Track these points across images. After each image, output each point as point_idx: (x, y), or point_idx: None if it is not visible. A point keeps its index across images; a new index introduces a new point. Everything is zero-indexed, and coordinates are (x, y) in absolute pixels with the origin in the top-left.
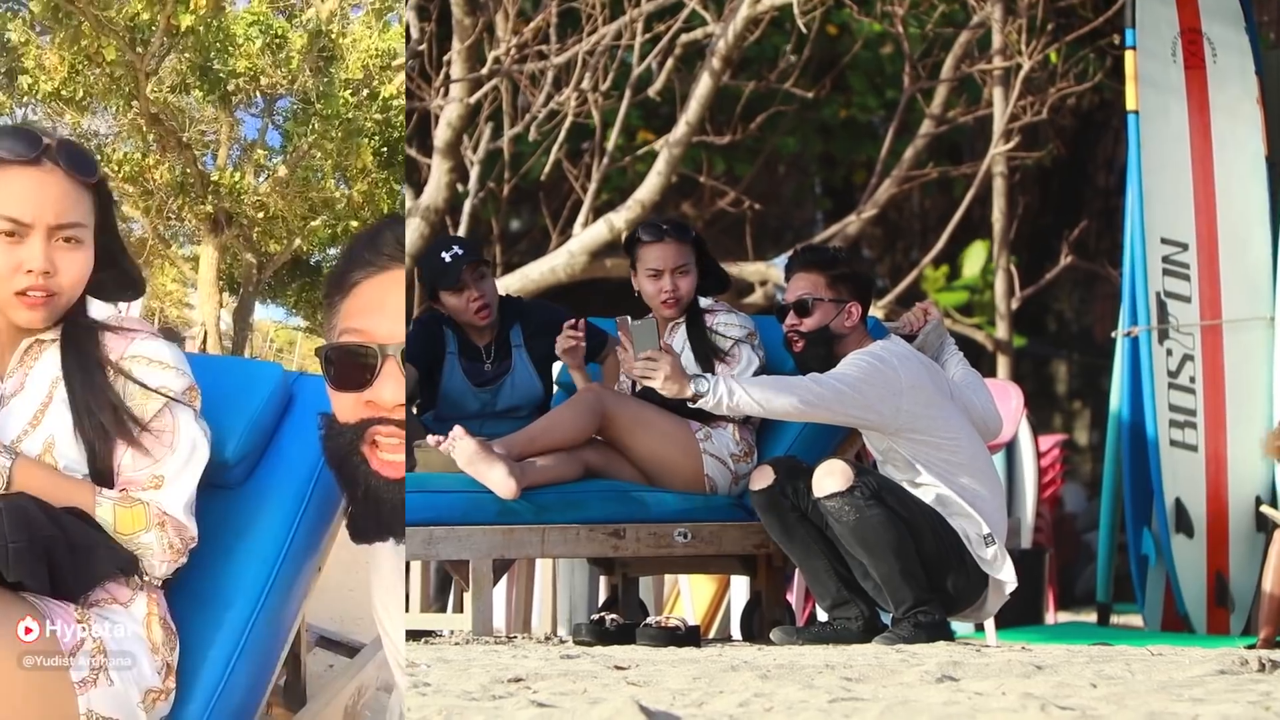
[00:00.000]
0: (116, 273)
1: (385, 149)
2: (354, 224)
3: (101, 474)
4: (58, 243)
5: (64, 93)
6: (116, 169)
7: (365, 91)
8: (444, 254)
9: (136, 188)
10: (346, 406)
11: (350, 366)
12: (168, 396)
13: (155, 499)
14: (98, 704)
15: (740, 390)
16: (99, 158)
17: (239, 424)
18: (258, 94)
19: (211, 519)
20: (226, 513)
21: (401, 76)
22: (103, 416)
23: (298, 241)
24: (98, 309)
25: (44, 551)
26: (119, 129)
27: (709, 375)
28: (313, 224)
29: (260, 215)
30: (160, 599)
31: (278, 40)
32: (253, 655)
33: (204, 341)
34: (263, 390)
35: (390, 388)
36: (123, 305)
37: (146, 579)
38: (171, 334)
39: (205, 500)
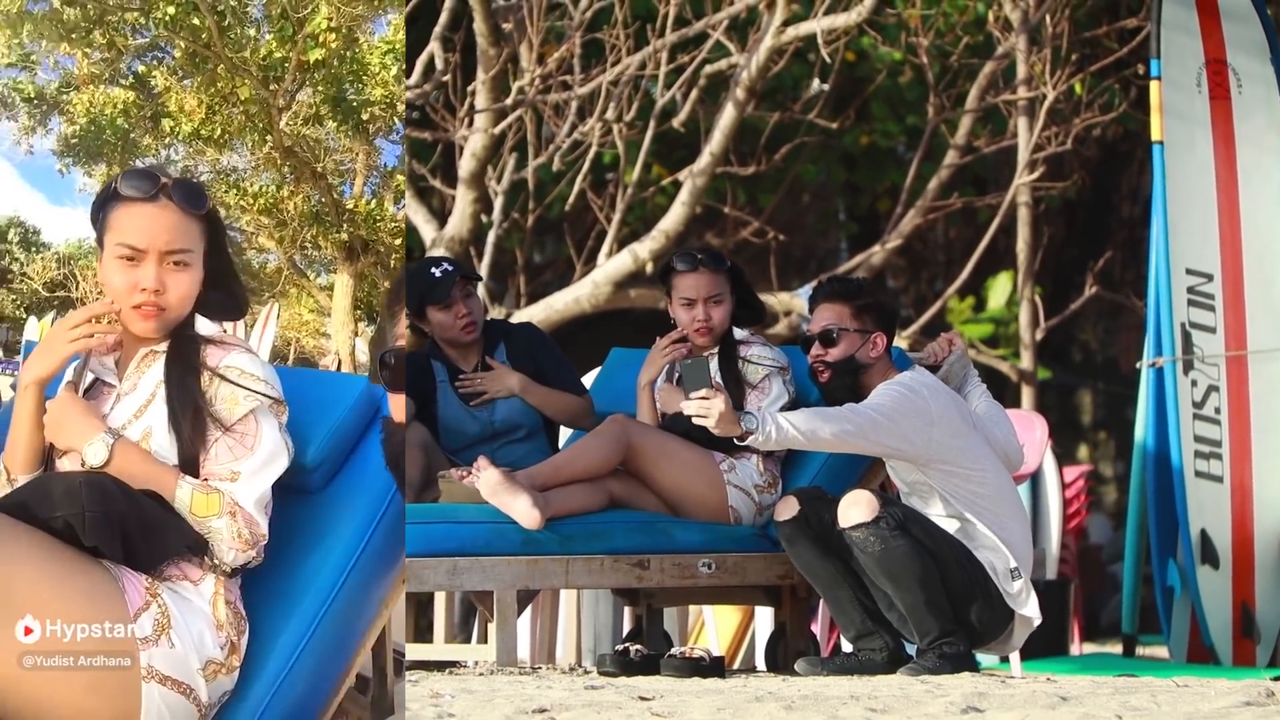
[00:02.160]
0: (224, 294)
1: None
2: None
3: (188, 464)
4: (168, 266)
5: (203, 132)
6: (252, 202)
7: None
8: (434, 269)
9: (272, 219)
10: (402, 408)
11: (386, 372)
12: (257, 394)
13: (230, 490)
14: (158, 662)
15: (787, 424)
16: (237, 192)
17: (320, 430)
18: (396, 121)
19: (290, 520)
20: (305, 516)
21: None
22: (187, 414)
23: None
24: (204, 326)
25: (118, 523)
26: (255, 163)
27: (755, 412)
28: None
29: (398, 242)
30: (230, 585)
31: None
32: (319, 650)
33: (338, 369)
34: (346, 400)
35: None
36: (228, 325)
37: (217, 562)
38: (307, 364)
39: (286, 503)
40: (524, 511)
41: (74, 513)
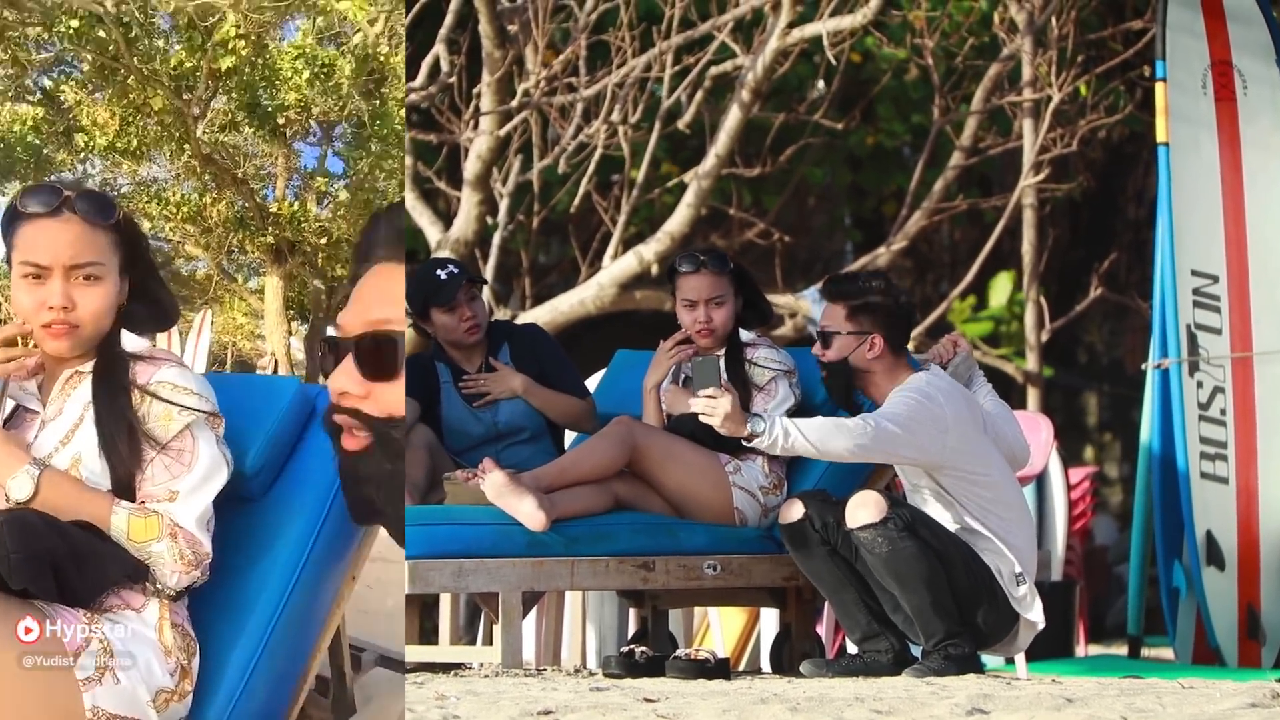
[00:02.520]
0: (148, 305)
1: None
2: None
3: (123, 487)
4: (76, 281)
5: (119, 145)
6: (175, 211)
7: None
8: (439, 272)
9: (196, 226)
10: (329, 393)
11: (328, 358)
12: (191, 409)
13: (169, 511)
14: (104, 701)
15: (796, 431)
16: (159, 202)
17: (257, 437)
18: (312, 123)
19: (234, 530)
20: (248, 524)
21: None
22: (120, 436)
23: None
24: (131, 342)
25: (47, 561)
26: (175, 172)
27: (765, 414)
28: None
29: (323, 241)
30: (177, 607)
31: (325, 69)
32: (274, 660)
33: (274, 370)
34: (280, 404)
35: (338, 378)
36: (161, 338)
37: (160, 587)
38: (245, 367)
39: (228, 512)
40: (529, 513)
41: None
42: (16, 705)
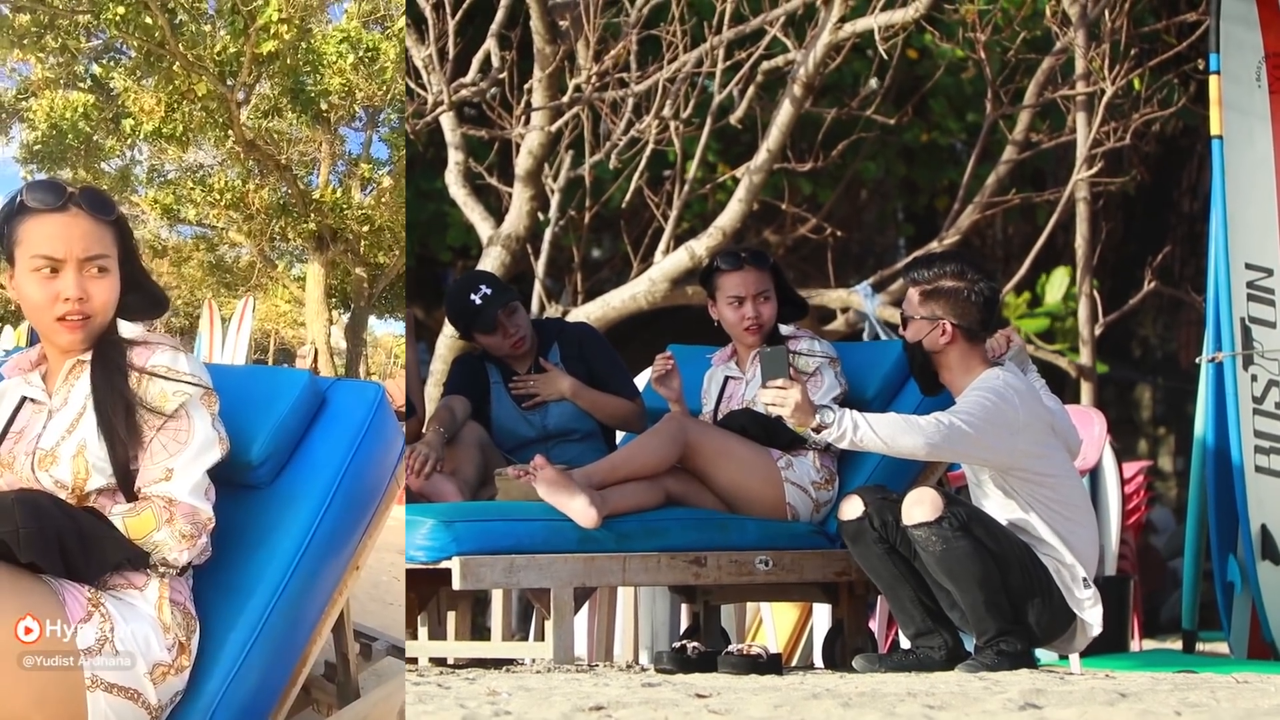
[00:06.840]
0: (141, 295)
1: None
2: None
3: (124, 468)
4: (88, 273)
5: (165, 130)
6: (219, 197)
7: None
8: (473, 296)
9: (240, 213)
10: None
11: None
12: (185, 386)
13: (165, 490)
14: (103, 671)
15: (865, 426)
16: (203, 188)
17: (264, 427)
18: (356, 108)
19: (239, 516)
20: (253, 511)
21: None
22: (117, 416)
23: None
24: (126, 328)
25: (55, 537)
26: (220, 158)
27: (834, 407)
28: None
29: (365, 229)
30: (178, 585)
31: (370, 54)
32: (269, 642)
33: (314, 360)
34: (288, 396)
35: None
36: (204, 326)
37: (167, 567)
38: (287, 354)
39: (234, 499)
40: (581, 510)
41: (8, 530)
42: (16, 706)
